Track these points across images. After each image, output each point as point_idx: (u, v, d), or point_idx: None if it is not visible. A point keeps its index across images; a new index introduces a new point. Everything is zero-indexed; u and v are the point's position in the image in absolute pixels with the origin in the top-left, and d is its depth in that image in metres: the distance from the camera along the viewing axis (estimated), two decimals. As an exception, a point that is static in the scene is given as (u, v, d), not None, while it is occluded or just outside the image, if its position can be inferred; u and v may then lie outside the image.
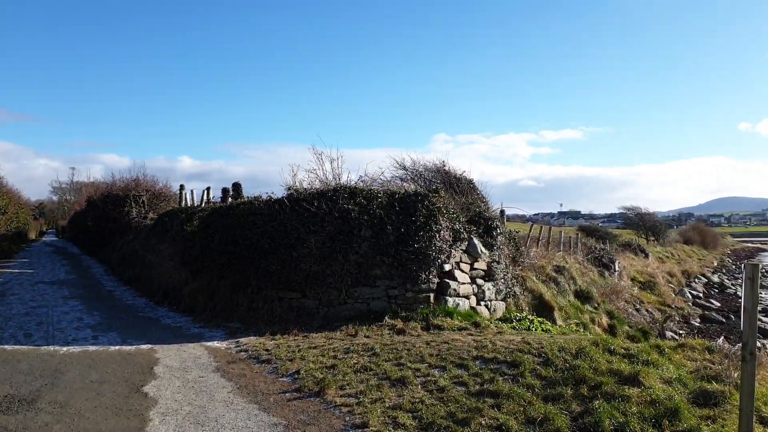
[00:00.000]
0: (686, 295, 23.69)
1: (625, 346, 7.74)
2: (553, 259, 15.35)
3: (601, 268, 18.70)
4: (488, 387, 5.85)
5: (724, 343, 10.85)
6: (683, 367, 7.37)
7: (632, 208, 53.70)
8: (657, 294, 20.73)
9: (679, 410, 5.39)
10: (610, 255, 20.52)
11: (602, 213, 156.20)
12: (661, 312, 17.45)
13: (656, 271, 25.35)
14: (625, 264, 23.21)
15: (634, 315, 15.93)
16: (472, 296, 10.11)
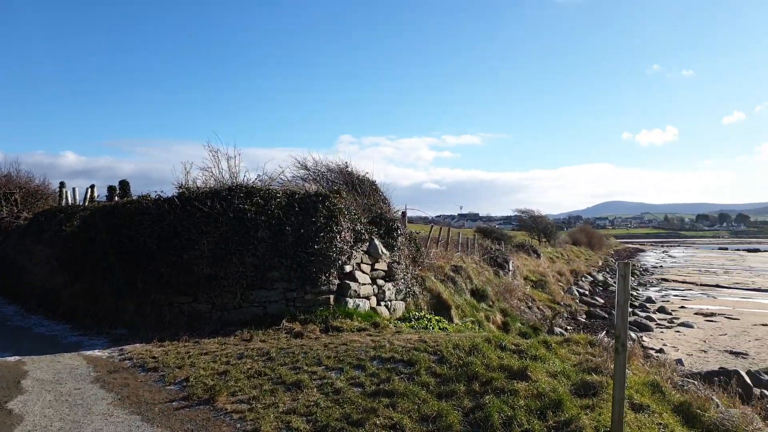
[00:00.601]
0: (574, 293, 25.44)
1: (516, 342, 8.14)
2: (452, 260, 15.86)
3: (497, 268, 19.62)
4: (384, 387, 5.91)
5: (605, 337, 11.74)
6: (568, 360, 7.87)
7: (526, 211, 56.86)
8: (548, 292, 22.08)
9: (563, 401, 5.74)
10: (504, 255, 21.59)
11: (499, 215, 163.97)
12: (551, 309, 18.61)
13: (547, 270, 27.01)
14: (518, 264, 24.50)
15: (526, 312, 16.86)
16: (372, 297, 10.19)
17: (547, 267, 28.82)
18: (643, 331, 18.63)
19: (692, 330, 19.40)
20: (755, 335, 18.35)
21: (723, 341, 17.38)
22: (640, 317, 21.11)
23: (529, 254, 31.12)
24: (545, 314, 17.48)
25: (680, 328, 19.79)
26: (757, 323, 20.72)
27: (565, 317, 18.82)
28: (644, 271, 48.82)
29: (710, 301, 28.07)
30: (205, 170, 10.47)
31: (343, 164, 13.78)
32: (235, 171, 10.51)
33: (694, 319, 21.71)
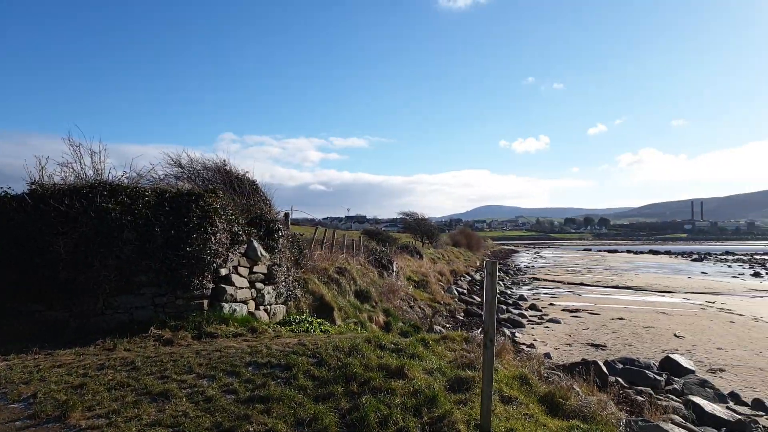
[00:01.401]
0: (453, 292, 26.57)
1: (395, 341, 8.31)
2: (336, 261, 15.89)
3: (381, 269, 19.97)
4: (259, 392, 5.76)
5: (479, 333, 12.38)
6: (444, 357, 8.17)
7: (410, 214, 58.55)
8: (429, 292, 22.86)
9: (437, 397, 5.94)
10: (388, 256, 22.04)
11: (386, 218, 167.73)
12: (432, 308, 19.28)
13: (429, 270, 27.98)
14: (402, 265, 25.15)
15: (408, 312, 17.32)
16: (250, 301, 9.91)
17: (429, 267, 29.84)
18: (516, 328, 19.86)
19: (559, 325, 21.00)
20: (612, 328, 20.26)
21: (585, 335, 18.98)
22: (513, 314, 22.49)
23: (412, 255, 32.04)
24: (426, 313, 18.06)
25: (549, 323, 21.34)
26: (615, 317, 22.90)
27: (444, 316, 19.57)
28: (518, 271, 52.20)
29: (575, 298, 30.59)
30: (65, 166, 9.58)
31: (222, 162, 13.27)
32: (100, 168, 9.73)
33: (561, 315, 23.52)
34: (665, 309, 25.88)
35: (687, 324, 21.32)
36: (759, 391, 12.04)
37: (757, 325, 21.31)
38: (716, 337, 18.63)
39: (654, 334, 19.08)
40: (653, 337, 18.64)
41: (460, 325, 17.58)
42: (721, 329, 20.17)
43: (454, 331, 13.32)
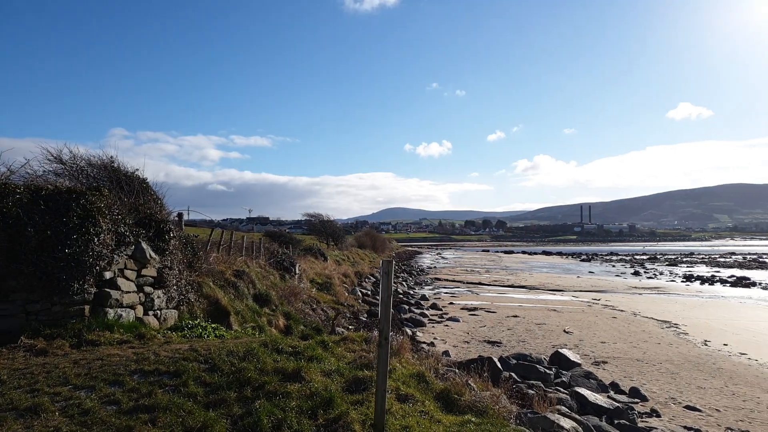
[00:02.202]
0: (357, 294, 26.70)
1: (293, 344, 8.19)
2: (234, 264, 15.43)
3: (283, 272, 19.64)
4: (145, 402, 5.45)
5: (382, 334, 12.54)
6: (344, 358, 8.17)
7: (315, 215, 58.22)
8: (332, 294, 22.81)
9: (333, 399, 5.92)
10: (291, 259, 21.73)
11: (290, 219, 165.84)
12: (335, 310, 19.23)
13: (333, 272, 27.91)
14: (305, 267, 24.91)
15: (310, 315, 17.16)
16: (138, 306, 9.37)
17: (333, 269, 29.78)
18: (417, 327, 20.31)
19: (459, 324, 21.72)
20: (508, 326, 21.26)
21: (483, 332, 19.77)
22: (415, 314, 22.98)
23: (316, 257, 31.82)
24: (329, 315, 17.99)
25: (449, 322, 22.02)
26: (510, 315, 24.06)
27: (348, 317, 19.60)
28: (421, 272, 53.45)
29: (474, 297, 31.81)
30: None
31: (109, 159, 12.42)
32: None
33: (460, 313, 24.35)
34: (556, 306, 27.56)
35: (575, 320, 22.82)
36: (636, 380, 13.11)
37: (635, 320, 23.23)
38: (600, 331, 20.08)
39: (546, 331, 20.23)
40: (545, 333, 19.76)
41: (363, 326, 17.67)
42: (605, 324, 21.77)
43: (356, 332, 13.37)
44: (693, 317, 24.20)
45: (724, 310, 27.27)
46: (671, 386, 12.64)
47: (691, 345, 17.76)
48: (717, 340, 18.55)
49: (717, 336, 19.31)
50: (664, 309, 27.13)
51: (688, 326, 21.53)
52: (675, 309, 27.21)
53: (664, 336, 19.33)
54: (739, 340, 18.48)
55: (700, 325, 22.00)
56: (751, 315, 25.25)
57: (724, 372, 14.06)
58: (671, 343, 18.06)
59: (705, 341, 18.32)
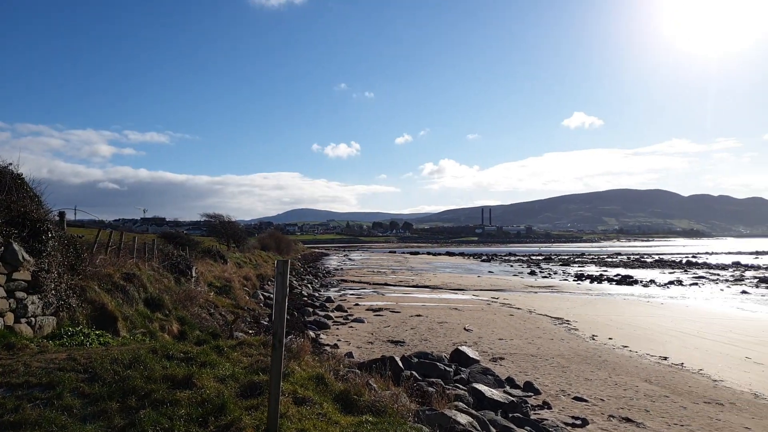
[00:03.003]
0: (259, 297, 26.09)
1: (186, 350, 7.85)
2: (124, 267, 14.54)
3: (178, 275, 18.79)
4: (10, 418, 4.98)
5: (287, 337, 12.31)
6: (240, 363, 7.94)
7: (216, 216, 56.26)
8: (232, 297, 22.13)
9: (226, 405, 5.72)
10: (188, 261, 20.85)
11: (189, 220, 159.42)
12: (234, 314, 18.65)
13: (233, 275, 27.11)
14: (203, 270, 23.99)
15: (207, 319, 16.54)
16: (8, 313, 8.56)
17: (234, 272, 28.94)
18: (322, 329, 20.19)
19: (363, 324, 21.84)
20: (411, 325, 21.67)
21: (387, 332, 20.00)
22: (319, 316, 22.83)
23: (215, 260, 30.77)
24: (227, 320, 17.43)
25: (354, 323, 22.08)
26: (414, 315, 24.54)
27: (248, 321, 19.09)
28: (327, 274, 53.27)
29: (379, 298, 32.15)
30: None
31: (-24, 151, 11.29)
32: None
33: (365, 314, 24.50)
34: (458, 305, 28.47)
35: (475, 318, 23.68)
36: (530, 375, 13.79)
37: (531, 317, 24.49)
38: (498, 329, 20.97)
39: (447, 329, 20.82)
40: (446, 331, 20.33)
41: (264, 330, 17.28)
42: (502, 322, 22.76)
43: (257, 336, 13.04)
44: (583, 314, 25.90)
45: (610, 306, 29.42)
46: (562, 379, 13.41)
47: (581, 340, 18.98)
48: (603, 334, 19.96)
49: (603, 331, 20.78)
50: (557, 306, 28.83)
51: (579, 322, 23.00)
52: (567, 306, 29.00)
53: (557, 332, 20.52)
54: (622, 334, 19.98)
55: (589, 321, 23.59)
56: (633, 311, 27.43)
57: (608, 364, 15.13)
58: (563, 338, 19.20)
59: (593, 336, 19.64)
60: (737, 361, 15.44)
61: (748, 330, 21.16)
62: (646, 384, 12.93)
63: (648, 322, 23.16)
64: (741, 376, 13.75)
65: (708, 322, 23.47)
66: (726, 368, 14.58)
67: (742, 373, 14.00)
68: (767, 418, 10.40)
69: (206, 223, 62.49)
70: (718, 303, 31.77)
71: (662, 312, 27.03)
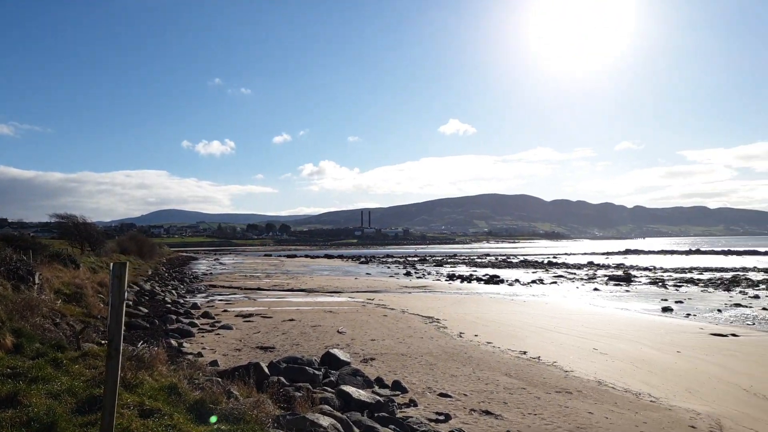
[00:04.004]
0: (116, 305, 24.33)
1: (14, 364, 7.11)
2: (-54, 273, 12.85)
3: (16, 281, 16.95)
4: None
5: (141, 346, 11.52)
6: (81, 376, 7.33)
7: (69, 217, 51.80)
8: (84, 305, 20.39)
9: (57, 423, 5.25)
10: (29, 266, 18.90)
11: (36, 222, 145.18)
12: (85, 323, 17.19)
13: (86, 282, 25.00)
14: (49, 276, 21.89)
15: (52, 330, 15.05)
16: None
17: (87, 278, 26.73)
18: (185, 338, 19.24)
19: (231, 331, 21.14)
20: (283, 330, 21.34)
21: (257, 338, 19.52)
22: (183, 324, 21.74)
23: (66, 265, 28.28)
24: (76, 330, 16.01)
25: (221, 330, 21.30)
26: (286, 319, 24.19)
27: (101, 331, 17.68)
28: (194, 279, 50.99)
29: (251, 303, 31.35)
30: None
31: None
32: None
33: (234, 321, 23.74)
34: (333, 308, 28.53)
35: (350, 320, 23.87)
36: (399, 374, 14.12)
37: (404, 317, 25.17)
38: (372, 330, 21.29)
39: (321, 332, 20.77)
40: (319, 335, 20.27)
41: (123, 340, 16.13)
42: (376, 323, 23.15)
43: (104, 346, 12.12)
44: (453, 312, 27.09)
45: (477, 305, 31.06)
46: (429, 377, 13.89)
47: (449, 337, 19.81)
48: (470, 331, 21.00)
49: (470, 328, 21.86)
50: (429, 306, 29.91)
51: (448, 320, 24.02)
52: (438, 305, 30.18)
53: (427, 330, 21.26)
54: (487, 331, 21.15)
55: (458, 319, 24.71)
56: (499, 308, 29.18)
57: (473, 360, 15.92)
58: (432, 336, 19.93)
59: (460, 333, 20.59)
60: (586, 353, 16.96)
61: (596, 324, 23.34)
62: (506, 378, 13.77)
63: (511, 319, 24.74)
64: (588, 366, 15.11)
65: (564, 317, 25.56)
66: (576, 359, 15.94)
67: (589, 363, 15.39)
68: (607, 402, 11.50)
69: (58, 225, 57.26)
70: (573, 300, 34.74)
71: (524, 309, 29.03)
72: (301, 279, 51.54)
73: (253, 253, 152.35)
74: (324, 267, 77.03)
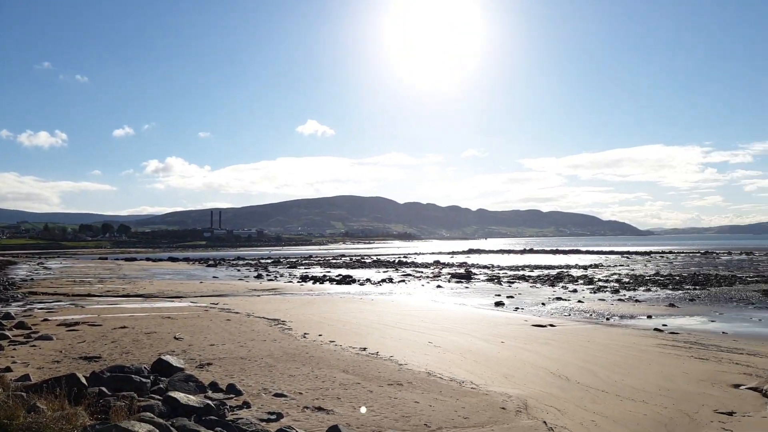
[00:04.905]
0: None
1: None
2: None
3: None
4: None
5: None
6: None
7: None
8: None
9: None
10: None
11: None
12: None
13: None
14: None
15: None
16: None
17: None
18: (-6, 352, 17.34)
19: (51, 342, 19.42)
20: (113, 338, 20.04)
21: (81, 348, 18.14)
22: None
23: None
24: None
25: (38, 341, 19.46)
26: (118, 327, 22.72)
27: None
28: (11, 286, 45.81)
29: (78, 311, 28.97)
30: None
31: None
32: None
33: (56, 330, 21.81)
34: (171, 314, 27.29)
35: (189, 326, 23.03)
36: (235, 377, 13.99)
37: (248, 320, 24.83)
38: (212, 335, 20.75)
39: (155, 339, 19.83)
40: (153, 342, 19.35)
41: None
42: (218, 327, 22.59)
43: None
44: (300, 314, 27.26)
45: (327, 305, 31.56)
46: (266, 378, 13.93)
47: (293, 338, 19.94)
48: (314, 332, 21.30)
49: (316, 328, 22.18)
50: (277, 308, 29.79)
51: (294, 322, 24.13)
52: (286, 307, 30.18)
53: (271, 333, 21.21)
54: (332, 330, 21.62)
55: (305, 320, 24.93)
56: (347, 308, 29.91)
57: (314, 359, 16.22)
58: (276, 339, 19.93)
59: (304, 334, 20.81)
60: (421, 346, 18.04)
61: (435, 319, 24.87)
62: (343, 374, 14.23)
63: (357, 318, 25.49)
64: (421, 358, 16.10)
65: (407, 314, 26.89)
66: (411, 353, 16.90)
67: (422, 356, 16.41)
68: (434, 391, 12.40)
69: None
70: (417, 297, 36.63)
71: (371, 308, 30.05)
72: (139, 284, 48.58)
73: (86, 256, 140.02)
74: (167, 270, 73.18)
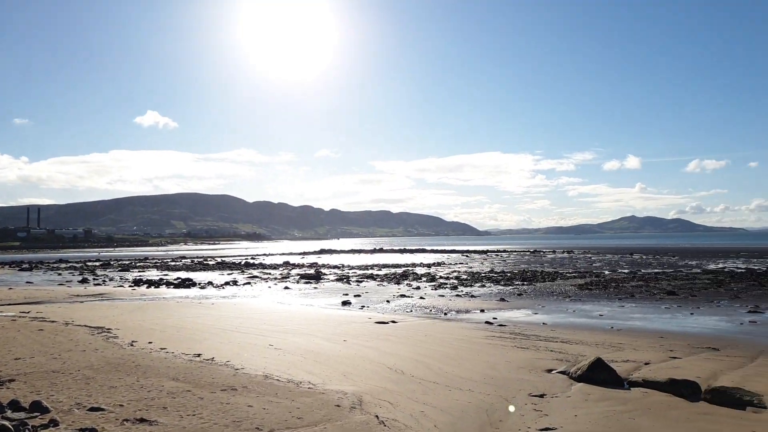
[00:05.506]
0: None
1: None
2: None
3: None
4: None
5: None
6: None
7: None
8: None
9: None
10: None
11: None
12: None
13: None
14: None
15: None
16: None
17: None
18: None
19: None
20: None
21: None
22: None
23: None
24: None
25: None
26: None
27: None
28: None
29: None
30: None
31: None
32: None
33: None
34: (-31, 325, 24.01)
35: (-10, 338, 20.40)
36: (43, 393, 12.56)
37: (66, 330, 22.58)
38: (19, 347, 18.55)
39: (-57, 356, 17.28)
40: (-59, 358, 16.85)
41: None
42: (26, 339, 20.26)
43: None
44: (129, 320, 25.37)
45: (161, 310, 29.72)
46: (82, 392, 12.71)
47: (118, 347, 18.47)
48: (144, 339, 19.92)
49: (146, 335, 20.76)
50: (102, 315, 27.46)
51: (121, 329, 22.38)
52: (114, 314, 27.94)
53: (93, 342, 19.46)
54: (164, 337, 20.37)
55: (134, 327, 23.23)
56: (183, 313, 28.41)
57: (140, 368, 15.13)
58: (98, 348, 18.32)
59: (132, 342, 19.38)
60: (261, 349, 17.64)
61: (279, 321, 24.51)
62: (172, 382, 13.43)
63: (194, 323, 24.31)
64: (260, 361, 15.73)
65: (249, 317, 26.19)
66: (250, 357, 16.45)
67: (261, 359, 16.04)
68: (269, 394, 12.15)
69: None
70: (263, 299, 35.89)
71: (210, 312, 28.86)
72: (-69, 292, 42.20)
73: None
74: (-31, 276, 64.45)
